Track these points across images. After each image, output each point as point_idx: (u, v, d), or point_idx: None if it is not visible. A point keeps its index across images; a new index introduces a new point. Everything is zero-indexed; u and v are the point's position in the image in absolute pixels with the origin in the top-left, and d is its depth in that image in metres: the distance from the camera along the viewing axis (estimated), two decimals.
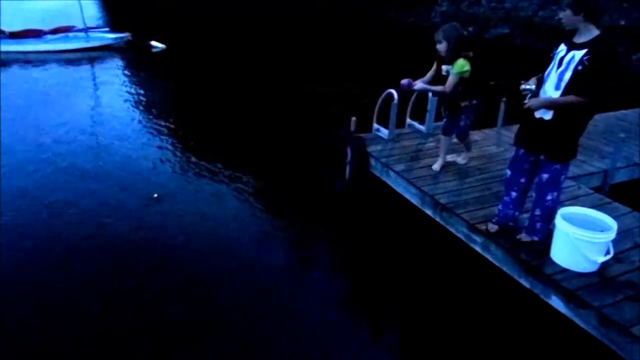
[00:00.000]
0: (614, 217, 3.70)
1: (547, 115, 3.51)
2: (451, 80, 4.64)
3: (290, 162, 6.94)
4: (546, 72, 3.53)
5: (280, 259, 4.87)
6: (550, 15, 14.82)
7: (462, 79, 4.67)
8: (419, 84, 4.78)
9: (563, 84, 3.38)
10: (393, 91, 5.57)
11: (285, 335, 3.86)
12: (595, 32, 3.29)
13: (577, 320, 3.39)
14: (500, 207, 4.09)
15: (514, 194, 3.97)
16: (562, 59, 3.39)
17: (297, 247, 5.08)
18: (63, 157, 6.78)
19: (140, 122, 8.39)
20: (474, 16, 16.07)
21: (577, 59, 3.29)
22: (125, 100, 9.48)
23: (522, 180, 3.89)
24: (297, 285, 4.47)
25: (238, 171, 6.55)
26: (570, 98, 3.33)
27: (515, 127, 6.40)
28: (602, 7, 3.33)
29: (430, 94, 5.73)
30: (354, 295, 4.40)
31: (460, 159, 5.28)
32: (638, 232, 4.09)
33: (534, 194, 3.90)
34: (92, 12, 18.06)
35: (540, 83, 3.58)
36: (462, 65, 4.60)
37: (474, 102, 4.87)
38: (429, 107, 5.98)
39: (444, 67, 4.73)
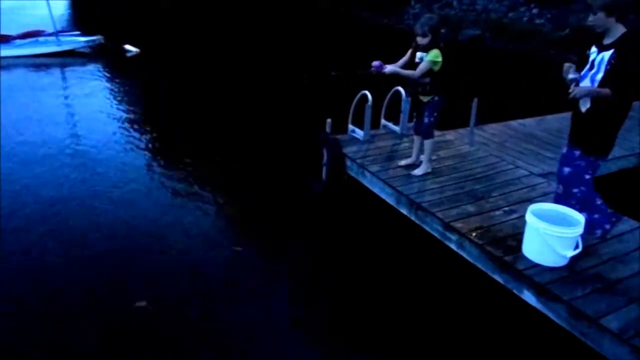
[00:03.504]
0: None
1: (584, 106, 3.53)
2: (422, 66, 4.63)
3: (267, 163, 6.93)
4: (582, 73, 3.57)
5: (257, 260, 4.86)
6: (519, 16, 15.18)
7: (430, 72, 4.67)
8: (389, 67, 4.69)
9: (596, 85, 3.46)
10: (367, 92, 5.63)
11: (258, 341, 3.85)
12: (622, 30, 3.38)
13: (548, 314, 3.48)
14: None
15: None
16: (593, 61, 3.48)
17: (274, 249, 5.07)
18: (33, 161, 6.63)
19: (114, 126, 8.25)
20: (445, 18, 16.31)
21: (605, 59, 3.39)
22: (99, 105, 9.30)
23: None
24: (275, 286, 4.46)
25: (212, 175, 6.51)
26: (608, 91, 3.37)
27: (488, 127, 6.66)
28: (630, 5, 3.40)
29: (404, 94, 5.81)
30: (332, 295, 4.41)
31: (417, 171, 5.13)
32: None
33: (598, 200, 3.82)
34: (61, 13, 17.71)
35: (577, 82, 3.57)
36: (436, 54, 4.60)
37: (436, 99, 4.86)
38: (402, 107, 6.06)
39: (419, 54, 4.72)
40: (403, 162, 5.32)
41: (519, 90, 10.89)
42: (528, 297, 3.62)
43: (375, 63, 4.67)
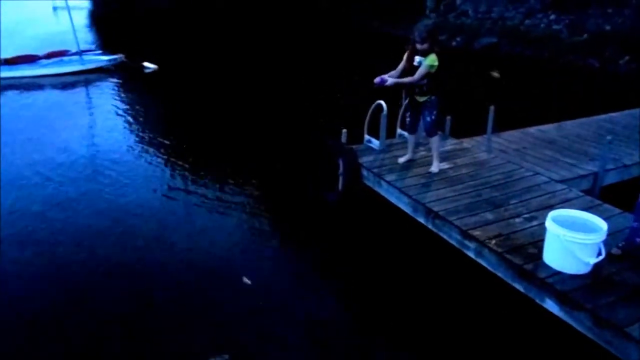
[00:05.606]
0: (605, 219, 3.74)
1: None
2: (421, 71, 4.87)
3: (283, 174, 6.97)
4: None
5: (275, 268, 4.87)
6: (536, 23, 15.06)
7: (428, 74, 4.89)
8: (390, 80, 4.94)
9: None
10: (382, 102, 5.64)
11: (279, 346, 3.85)
12: None
13: (571, 322, 3.40)
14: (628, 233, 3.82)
15: None
16: None
17: (291, 258, 5.08)
18: (58, 177, 6.79)
19: (135, 141, 8.42)
20: (461, 27, 16.29)
21: None
22: (120, 121, 9.52)
23: None
24: (293, 294, 4.46)
25: (231, 185, 6.57)
26: None
27: (505, 134, 6.58)
28: None
29: None
30: (351, 303, 4.39)
31: (433, 168, 5.30)
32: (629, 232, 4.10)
33: None
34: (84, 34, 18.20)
35: None
36: (433, 59, 4.85)
37: (433, 98, 5.09)
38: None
39: (417, 58, 4.93)
40: (402, 160, 5.53)
41: (536, 96, 10.76)
42: (550, 305, 3.54)
43: (377, 79, 4.91)
